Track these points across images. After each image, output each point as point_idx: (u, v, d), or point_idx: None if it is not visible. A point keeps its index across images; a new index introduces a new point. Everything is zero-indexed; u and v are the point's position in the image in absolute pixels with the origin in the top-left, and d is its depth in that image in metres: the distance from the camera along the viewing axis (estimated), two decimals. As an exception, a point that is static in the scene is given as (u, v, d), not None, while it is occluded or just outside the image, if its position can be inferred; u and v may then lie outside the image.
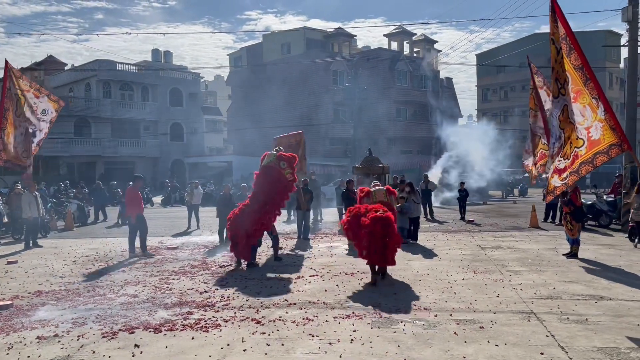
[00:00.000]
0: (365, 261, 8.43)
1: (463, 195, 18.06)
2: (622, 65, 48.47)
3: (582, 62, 8.67)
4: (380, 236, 8.06)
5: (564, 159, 8.56)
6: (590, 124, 8.56)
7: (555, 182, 8.62)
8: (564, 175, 8.45)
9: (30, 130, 9.19)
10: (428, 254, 11.11)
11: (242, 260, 9.89)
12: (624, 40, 17.55)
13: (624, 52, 20.25)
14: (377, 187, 9.64)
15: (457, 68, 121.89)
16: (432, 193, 19.41)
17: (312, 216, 16.03)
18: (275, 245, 10.65)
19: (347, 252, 11.35)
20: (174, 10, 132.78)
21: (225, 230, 12.79)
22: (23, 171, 9.54)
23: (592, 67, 8.79)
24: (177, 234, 15.41)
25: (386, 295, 7.47)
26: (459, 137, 26.95)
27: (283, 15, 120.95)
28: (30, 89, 9.10)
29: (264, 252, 11.36)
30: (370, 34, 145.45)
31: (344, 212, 12.35)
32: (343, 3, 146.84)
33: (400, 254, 10.22)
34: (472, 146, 25.30)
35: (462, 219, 17.66)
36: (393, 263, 8.40)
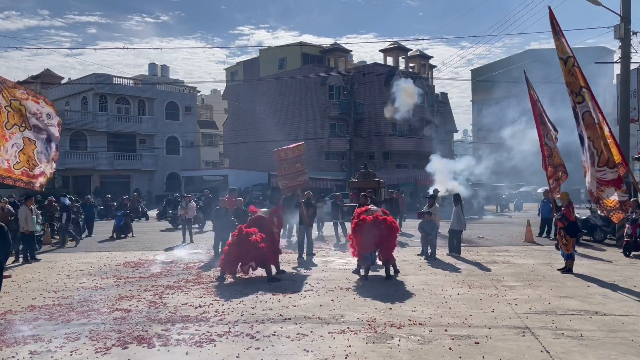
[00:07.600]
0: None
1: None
2: (614, 81, 48.96)
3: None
4: (380, 234, 9.82)
5: (609, 168, 8.46)
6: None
7: (621, 196, 8.54)
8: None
9: (44, 136, 9.02)
10: (423, 268, 11.12)
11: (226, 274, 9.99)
12: (616, 57, 17.75)
13: (617, 69, 20.54)
14: (372, 208, 10.53)
15: (450, 84, 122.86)
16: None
17: (315, 232, 15.88)
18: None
19: (343, 266, 11.35)
20: (167, 25, 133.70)
21: (220, 243, 12.78)
22: (29, 187, 9.14)
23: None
24: (172, 247, 15.35)
25: (381, 310, 7.46)
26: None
27: (275, 30, 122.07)
28: (29, 96, 9.00)
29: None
30: (363, 49, 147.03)
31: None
32: (335, 19, 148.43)
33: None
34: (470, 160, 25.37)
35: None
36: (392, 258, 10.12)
